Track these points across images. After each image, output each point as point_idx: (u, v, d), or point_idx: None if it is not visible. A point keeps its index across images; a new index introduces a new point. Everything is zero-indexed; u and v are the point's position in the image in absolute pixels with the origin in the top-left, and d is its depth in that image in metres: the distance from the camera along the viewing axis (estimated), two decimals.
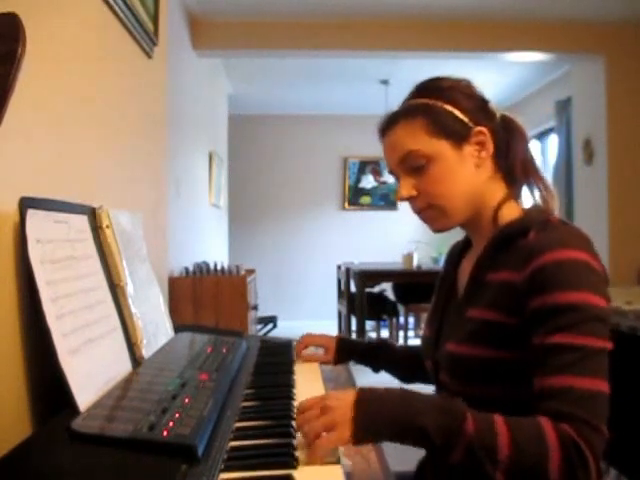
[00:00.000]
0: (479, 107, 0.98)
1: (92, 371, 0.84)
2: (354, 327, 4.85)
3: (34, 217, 0.82)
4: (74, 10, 1.18)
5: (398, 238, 6.81)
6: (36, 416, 0.81)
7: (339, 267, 5.68)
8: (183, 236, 3.61)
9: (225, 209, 5.87)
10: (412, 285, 5.13)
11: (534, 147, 5.60)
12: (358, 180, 7.19)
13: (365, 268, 4.81)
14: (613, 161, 4.30)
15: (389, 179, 6.94)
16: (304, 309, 6.93)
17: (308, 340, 1.35)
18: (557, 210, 0.98)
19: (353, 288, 4.87)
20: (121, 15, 1.44)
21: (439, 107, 0.95)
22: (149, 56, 1.73)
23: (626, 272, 4.11)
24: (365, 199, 7.22)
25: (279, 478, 0.67)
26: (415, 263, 4.96)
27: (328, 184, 7.19)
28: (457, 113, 0.95)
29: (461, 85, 0.99)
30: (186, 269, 3.18)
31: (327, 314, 6.45)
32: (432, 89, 0.99)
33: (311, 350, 1.34)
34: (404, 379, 1.29)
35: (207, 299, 2.96)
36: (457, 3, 3.87)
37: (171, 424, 0.72)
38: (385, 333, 5.57)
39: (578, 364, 0.76)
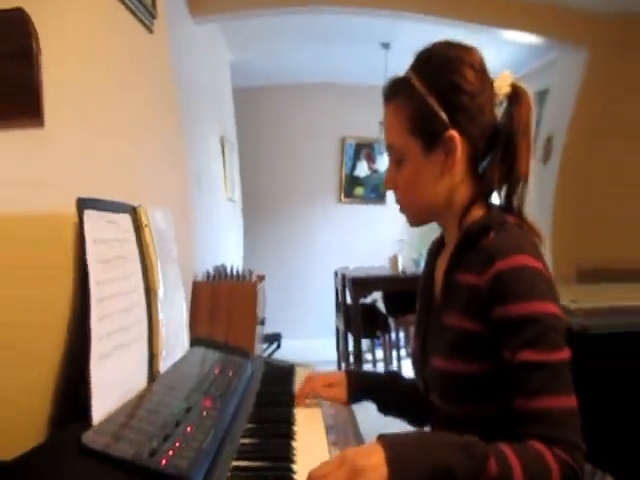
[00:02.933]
0: (468, 101, 0.96)
1: (114, 380, 0.85)
2: (350, 347, 4.87)
3: (90, 217, 0.84)
4: None
5: (385, 236, 6.64)
6: (54, 422, 0.82)
7: (336, 273, 5.64)
8: (206, 235, 3.45)
9: (239, 203, 5.51)
10: (399, 294, 5.05)
11: None
12: (353, 167, 7.08)
13: (358, 275, 4.82)
14: (566, 161, 4.24)
15: (381, 167, 6.84)
16: (306, 327, 6.83)
17: (313, 384, 1.21)
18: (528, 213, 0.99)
19: (349, 299, 4.90)
20: None
21: (424, 100, 0.96)
22: (150, 30, 1.66)
23: (566, 271, 4.05)
24: (358, 190, 7.11)
25: None
26: (400, 267, 4.96)
27: (326, 171, 7.00)
28: (438, 110, 0.95)
29: (458, 70, 0.97)
30: (208, 273, 3.05)
31: (327, 332, 6.36)
32: (426, 70, 0.99)
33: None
34: (412, 423, 1.24)
35: (223, 307, 2.93)
36: None
37: (171, 453, 0.73)
38: (380, 354, 5.52)
39: (551, 383, 0.80)
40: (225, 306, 2.93)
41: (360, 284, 4.72)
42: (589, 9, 4.06)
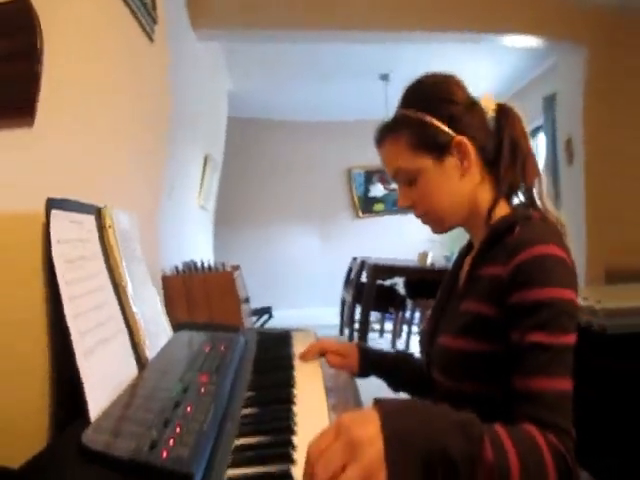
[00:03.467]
0: (463, 111, 1.02)
1: (104, 375, 0.85)
2: (357, 317, 4.86)
3: (56, 217, 0.83)
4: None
5: (413, 238, 6.67)
6: (54, 422, 0.82)
7: (354, 259, 5.68)
8: (172, 235, 3.60)
9: (212, 212, 5.86)
10: (424, 282, 5.10)
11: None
12: (367, 190, 7.20)
13: (380, 262, 4.86)
14: (590, 162, 4.32)
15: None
16: (300, 297, 6.86)
17: (325, 345, 1.22)
18: (550, 207, 1.02)
19: (364, 279, 4.89)
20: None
21: (421, 120, 1.01)
22: (151, 39, 1.70)
23: (595, 271, 4.19)
24: (379, 206, 7.27)
25: None
26: (429, 261, 5.05)
27: (332, 195, 7.17)
28: (438, 124, 1.01)
29: (445, 89, 1.03)
30: (176, 268, 3.17)
31: (329, 301, 6.37)
32: (416, 98, 1.05)
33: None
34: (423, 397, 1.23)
35: (199, 296, 2.96)
36: None
37: (171, 442, 0.72)
38: (389, 326, 5.61)
39: (550, 365, 0.82)
40: (202, 295, 2.95)
41: (380, 269, 4.73)
42: (585, 6, 4.06)
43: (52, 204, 0.83)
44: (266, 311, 4.18)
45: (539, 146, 5.49)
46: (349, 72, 5.59)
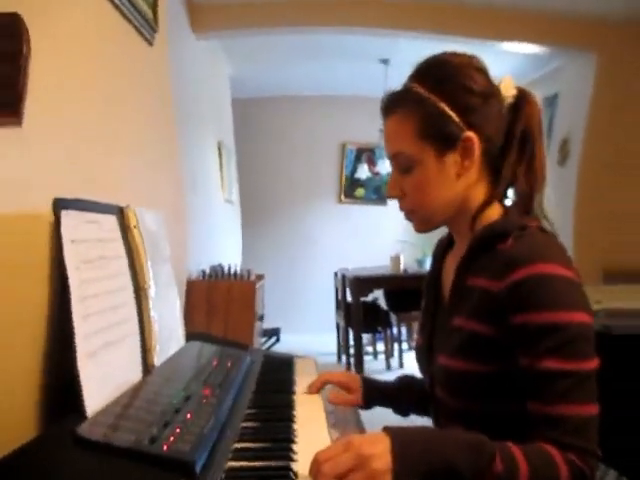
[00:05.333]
0: (480, 104, 0.95)
1: (105, 376, 0.85)
2: (351, 341, 4.90)
3: (68, 218, 0.84)
4: (74, 4, 1.19)
5: (387, 236, 6.72)
6: (43, 416, 0.82)
7: (336, 274, 5.69)
8: (200, 235, 3.54)
9: (238, 204, 5.74)
10: (401, 292, 5.19)
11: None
12: (354, 169, 7.15)
13: (359, 275, 4.85)
14: (585, 163, 4.29)
15: (382, 170, 6.88)
16: (306, 322, 6.84)
17: (327, 378, 1.19)
18: (547, 213, 0.97)
19: (349, 297, 4.96)
20: (120, 6, 1.43)
21: (435, 106, 0.93)
22: (150, 43, 1.71)
23: (592, 271, 4.10)
24: (359, 191, 7.19)
25: None
26: (402, 266, 5.01)
27: (326, 173, 7.12)
28: (451, 114, 0.93)
29: (466, 74, 0.95)
30: (203, 272, 3.15)
31: (326, 327, 6.36)
32: (434, 78, 0.96)
33: (329, 387, 1.20)
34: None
35: (220, 305, 2.95)
36: None
37: (172, 439, 0.73)
38: (380, 346, 5.58)
39: (572, 391, 0.79)
40: (222, 304, 2.94)
41: (361, 283, 4.76)
42: (593, 15, 4.06)
43: (61, 204, 0.83)
44: (275, 333, 4.21)
45: None
46: (349, 56, 5.51)
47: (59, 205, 0.83)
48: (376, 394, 1.18)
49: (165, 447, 0.70)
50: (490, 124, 0.95)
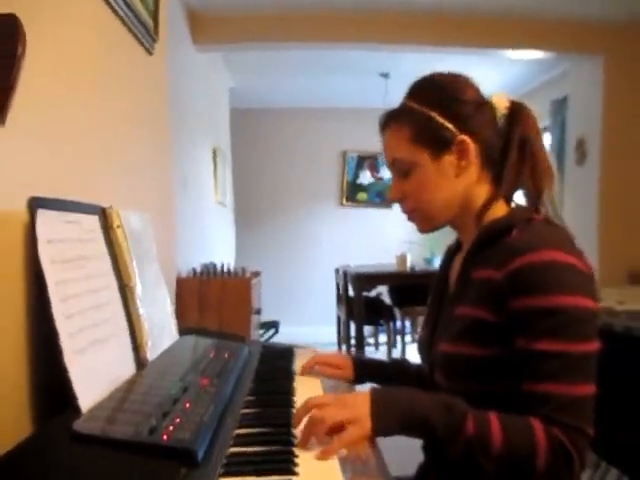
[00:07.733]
0: (472, 112, 0.99)
1: (96, 372, 0.84)
2: (353, 333, 4.87)
3: (44, 217, 0.82)
4: (74, 10, 1.19)
5: (391, 237, 6.75)
6: (37, 415, 0.81)
7: (337, 271, 5.68)
8: (191, 236, 3.59)
9: (231, 207, 5.85)
10: (407, 287, 5.14)
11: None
12: (356, 176, 7.21)
13: (361, 271, 4.81)
14: (606, 162, 4.29)
15: (385, 175, 6.97)
16: (306, 315, 6.88)
17: (319, 359, 1.23)
18: (554, 212, 0.98)
19: (351, 292, 4.90)
20: (120, 13, 1.44)
21: (426, 115, 0.99)
22: (149, 53, 1.74)
23: (617, 272, 4.11)
24: (362, 195, 7.23)
25: None
26: (408, 264, 4.97)
27: (327, 179, 7.20)
28: (443, 121, 0.98)
29: (456, 88, 1.01)
30: (194, 270, 3.17)
31: (327, 320, 6.40)
32: (425, 93, 1.02)
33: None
34: None
35: (212, 301, 2.95)
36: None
37: (171, 428, 0.72)
38: (383, 338, 5.58)
39: (563, 371, 0.81)
40: (215, 301, 2.94)
41: (363, 279, 4.72)
42: (602, 17, 4.06)
43: (37, 203, 0.81)
44: (273, 325, 4.19)
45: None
46: (349, 70, 5.58)
47: (34, 204, 0.81)
48: (367, 372, 1.24)
49: (165, 437, 0.70)
50: (484, 128, 0.99)
